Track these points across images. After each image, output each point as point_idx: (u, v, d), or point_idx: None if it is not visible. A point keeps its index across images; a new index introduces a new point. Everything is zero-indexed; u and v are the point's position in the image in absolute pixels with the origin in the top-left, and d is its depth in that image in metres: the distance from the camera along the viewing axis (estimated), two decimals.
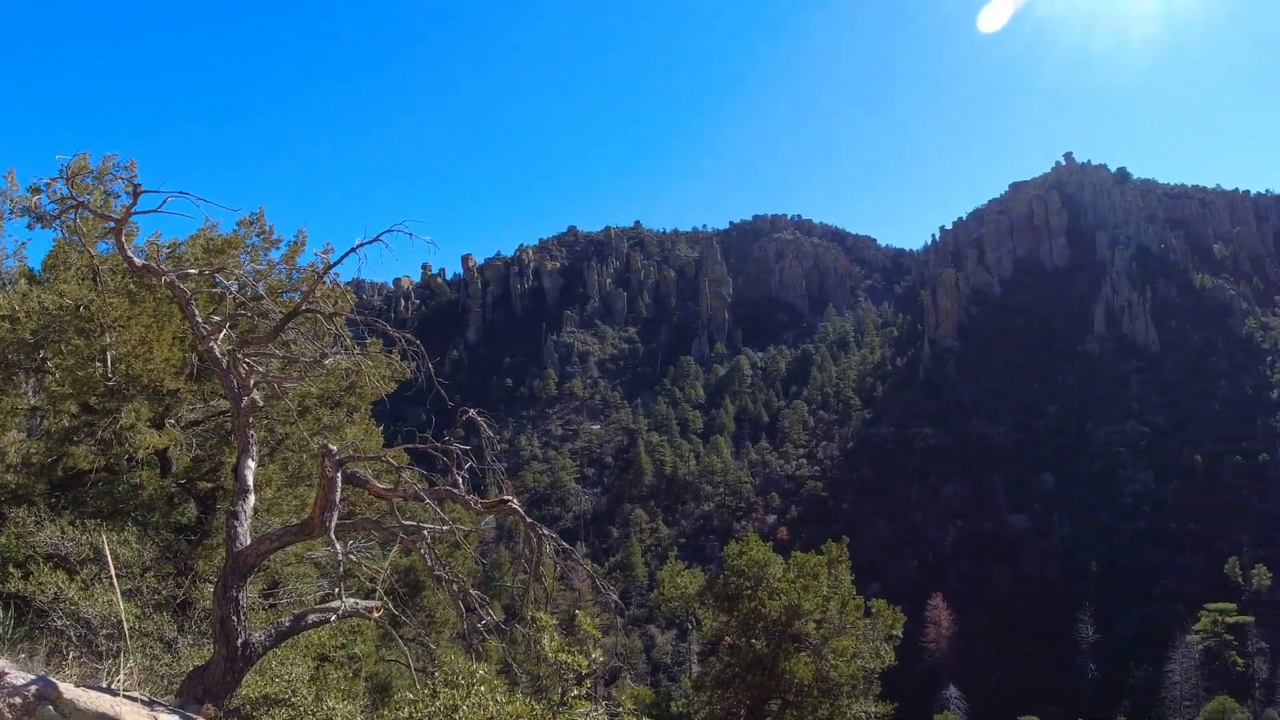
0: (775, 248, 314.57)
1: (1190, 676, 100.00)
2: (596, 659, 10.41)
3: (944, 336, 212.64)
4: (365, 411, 20.43)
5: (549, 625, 9.88)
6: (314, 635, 16.42)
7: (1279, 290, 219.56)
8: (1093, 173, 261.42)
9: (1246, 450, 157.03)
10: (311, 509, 9.25)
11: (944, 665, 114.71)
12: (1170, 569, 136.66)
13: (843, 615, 24.88)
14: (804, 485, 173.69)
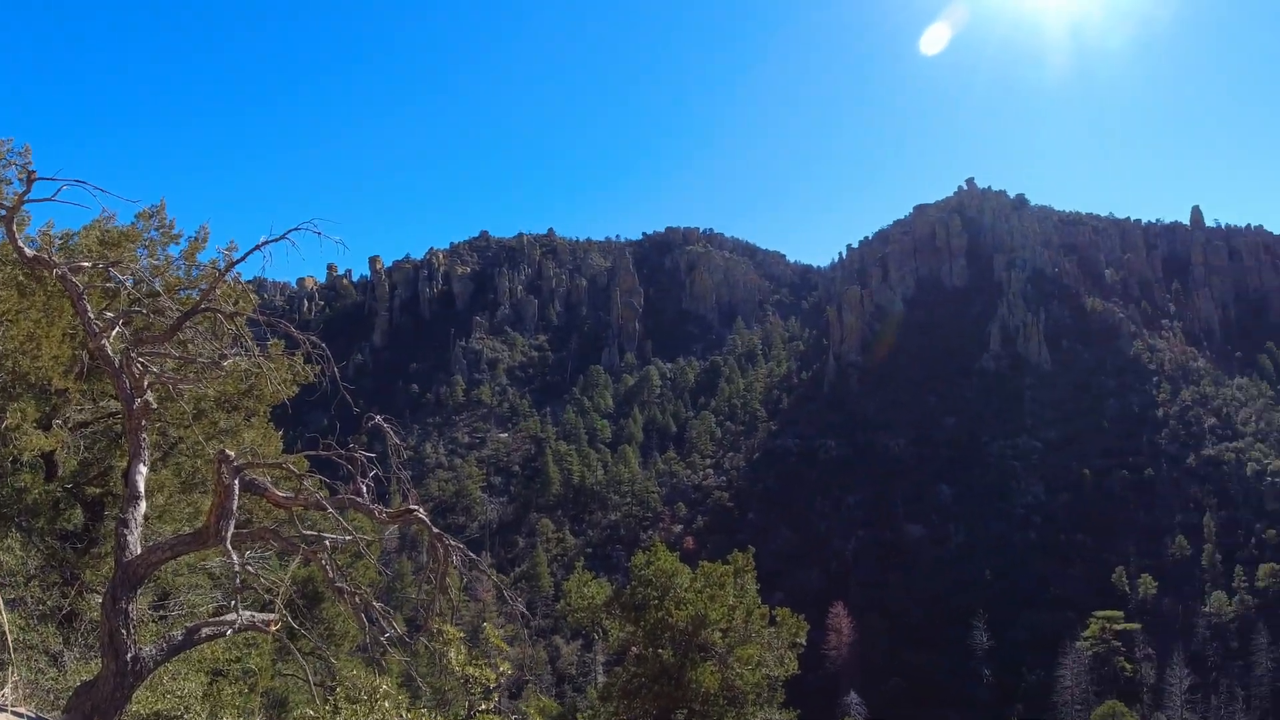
0: (687, 260, 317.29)
1: (1080, 681, 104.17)
2: (504, 671, 10.23)
3: (848, 352, 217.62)
4: (265, 416, 19.69)
5: (455, 638, 9.66)
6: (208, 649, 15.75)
7: (1165, 314, 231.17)
8: (993, 198, 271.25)
9: (1133, 465, 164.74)
10: (206, 517, 8.84)
11: (845, 672, 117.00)
12: (1060, 578, 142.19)
13: (748, 624, 25.06)
14: (710, 495, 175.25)
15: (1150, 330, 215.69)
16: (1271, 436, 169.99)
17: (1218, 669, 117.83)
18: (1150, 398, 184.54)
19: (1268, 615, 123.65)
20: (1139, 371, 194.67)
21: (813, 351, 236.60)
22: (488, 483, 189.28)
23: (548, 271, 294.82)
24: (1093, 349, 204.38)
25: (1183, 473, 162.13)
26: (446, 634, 9.47)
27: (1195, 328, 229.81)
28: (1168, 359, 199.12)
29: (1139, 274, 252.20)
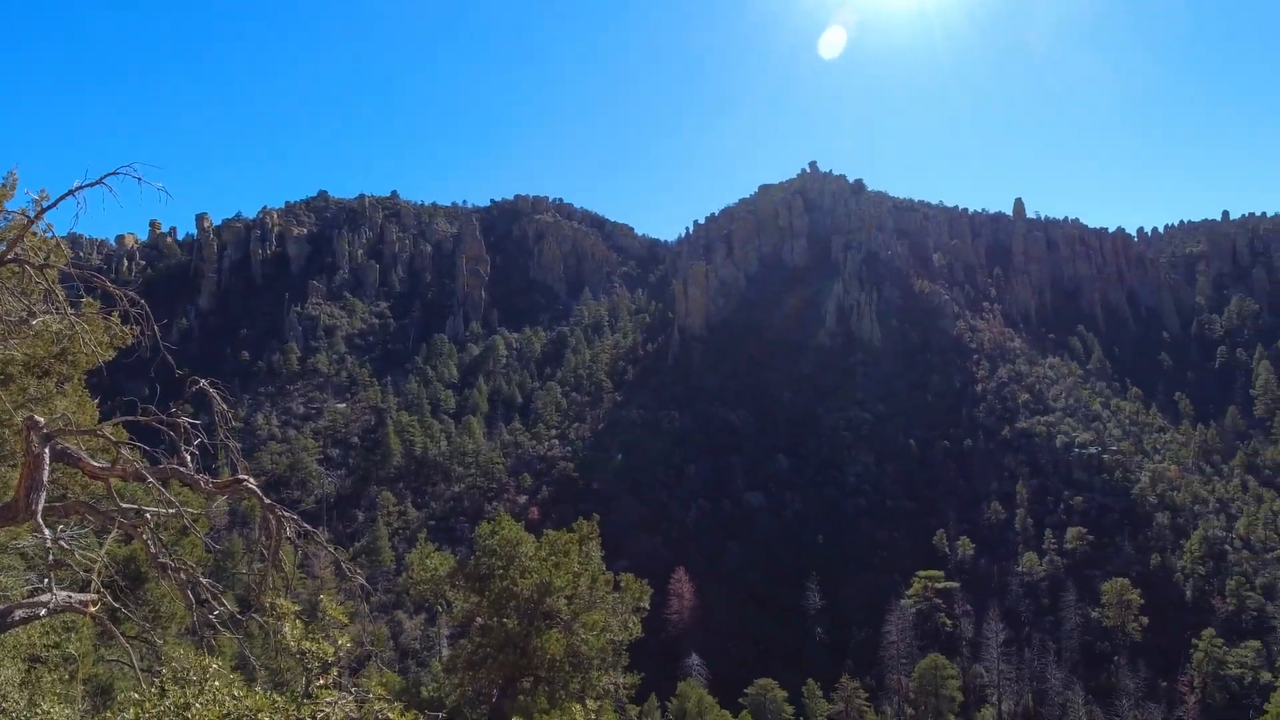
0: (535, 229, 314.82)
1: (905, 637, 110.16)
2: (343, 646, 9.90)
3: (693, 325, 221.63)
4: (79, 381, 18.17)
5: (290, 612, 9.25)
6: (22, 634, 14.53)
7: (987, 298, 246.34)
8: (833, 181, 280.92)
9: (953, 437, 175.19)
10: (15, 491, 8.10)
11: (687, 635, 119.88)
12: (888, 541, 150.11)
13: (593, 591, 25.27)
14: (556, 466, 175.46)
15: (972, 312, 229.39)
16: (1079, 412, 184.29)
17: (1030, 624, 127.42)
18: (971, 375, 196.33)
19: (1075, 574, 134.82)
20: (961, 350, 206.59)
21: (658, 324, 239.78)
22: (324, 455, 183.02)
23: (390, 235, 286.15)
24: (920, 328, 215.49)
25: (998, 444, 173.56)
26: (280, 609, 9.03)
27: (1013, 311, 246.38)
28: (987, 339, 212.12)
29: (965, 259, 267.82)
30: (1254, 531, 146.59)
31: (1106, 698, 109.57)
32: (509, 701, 23.28)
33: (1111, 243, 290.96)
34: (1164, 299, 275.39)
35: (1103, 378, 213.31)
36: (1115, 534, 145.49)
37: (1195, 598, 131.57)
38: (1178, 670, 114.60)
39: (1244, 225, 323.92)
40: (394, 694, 24.64)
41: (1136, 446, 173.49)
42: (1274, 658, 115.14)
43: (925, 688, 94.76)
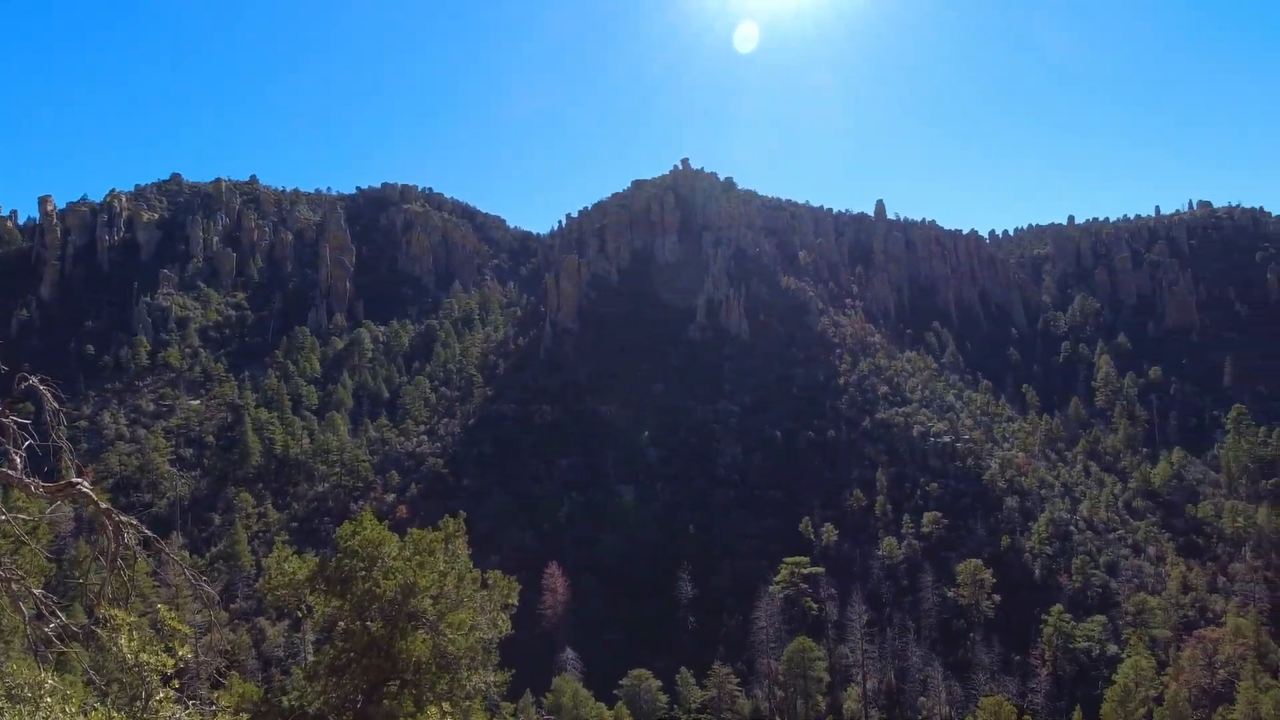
0: (404, 219, 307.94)
1: (774, 621, 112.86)
2: (184, 656, 9.43)
3: (565, 319, 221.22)
4: None
5: (125, 622, 8.68)
6: None
7: (849, 295, 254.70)
8: (705, 179, 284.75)
9: (817, 428, 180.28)
10: None
11: (561, 629, 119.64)
12: (756, 529, 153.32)
13: (460, 589, 24.77)
14: (425, 462, 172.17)
15: (836, 308, 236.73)
16: (934, 403, 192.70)
17: (891, 605, 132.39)
18: (834, 368, 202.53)
19: (931, 557, 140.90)
20: (825, 344, 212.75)
21: (530, 318, 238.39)
22: (177, 455, 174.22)
23: (249, 223, 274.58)
24: (785, 323, 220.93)
25: (859, 434, 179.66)
26: (115, 620, 8.45)
27: (874, 307, 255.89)
28: (849, 334, 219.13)
29: (829, 258, 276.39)
30: (1096, 513, 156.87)
31: (964, 672, 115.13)
32: (374, 707, 22.60)
33: (965, 244, 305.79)
34: (1013, 297, 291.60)
35: (956, 371, 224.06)
36: (968, 517, 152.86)
37: (1043, 576, 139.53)
38: (1029, 644, 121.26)
39: (1087, 229, 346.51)
40: (253, 704, 23.62)
41: (987, 435, 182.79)
42: (1119, 631, 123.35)
43: (794, 670, 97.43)
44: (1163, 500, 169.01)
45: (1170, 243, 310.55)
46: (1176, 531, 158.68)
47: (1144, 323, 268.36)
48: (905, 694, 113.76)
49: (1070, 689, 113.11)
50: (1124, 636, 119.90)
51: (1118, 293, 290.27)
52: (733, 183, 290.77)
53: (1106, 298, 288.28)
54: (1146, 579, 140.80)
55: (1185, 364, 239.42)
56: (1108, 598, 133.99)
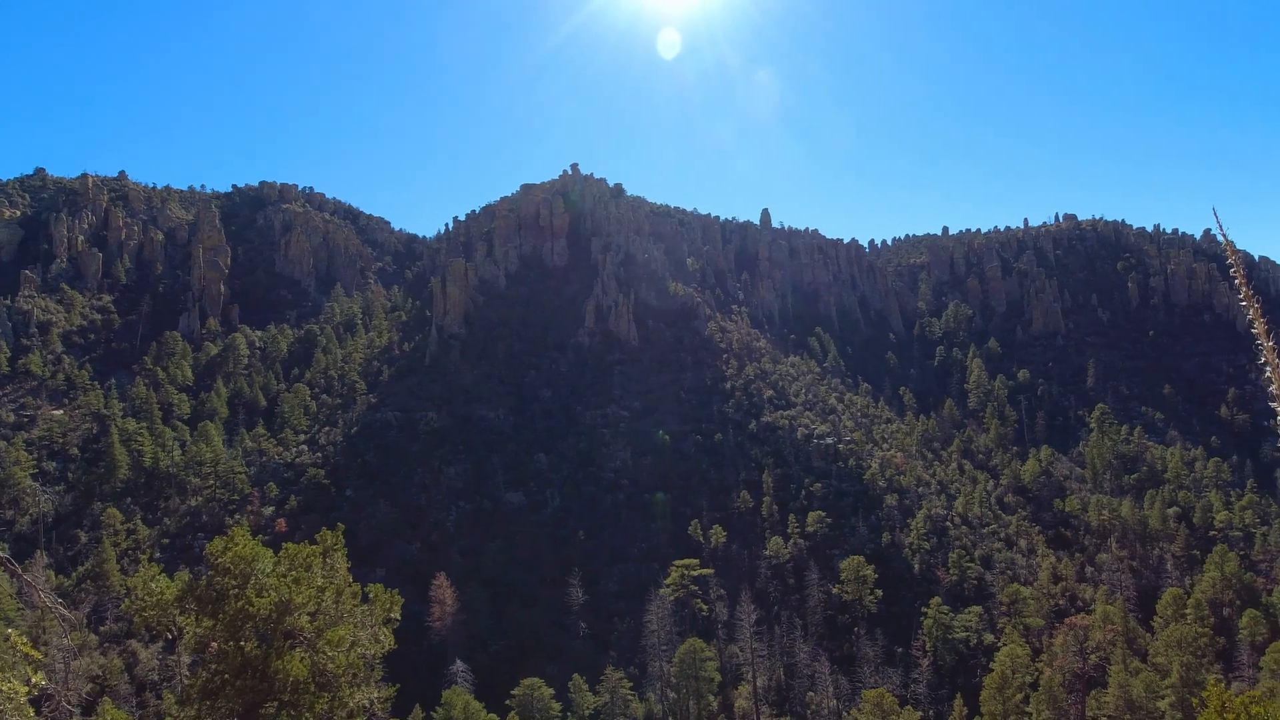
0: (282, 219, 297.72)
1: (665, 624, 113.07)
2: (37, 683, 8.55)
3: (451, 324, 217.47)
4: None
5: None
6: None
7: (735, 301, 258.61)
8: (594, 184, 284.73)
9: (705, 431, 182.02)
10: None
11: (450, 641, 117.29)
12: (645, 533, 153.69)
13: (339, 605, 23.54)
14: (305, 473, 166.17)
15: (722, 314, 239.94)
16: (817, 406, 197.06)
17: (779, 603, 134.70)
18: (720, 372, 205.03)
19: (816, 555, 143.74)
20: (712, 349, 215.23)
21: (415, 323, 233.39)
22: (40, 469, 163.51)
23: (117, 221, 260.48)
24: (674, 328, 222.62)
25: (746, 437, 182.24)
26: None
27: (759, 313, 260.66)
28: (735, 339, 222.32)
29: (716, 264, 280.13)
30: (970, 509, 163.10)
31: (849, 666, 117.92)
32: None
33: (846, 252, 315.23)
34: (891, 304, 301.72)
35: (838, 375, 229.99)
36: (851, 516, 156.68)
37: (922, 570, 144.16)
38: (911, 636, 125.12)
39: (961, 240, 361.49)
40: None
41: (867, 436, 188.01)
42: (994, 620, 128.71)
43: (685, 671, 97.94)
44: (1032, 495, 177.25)
45: (1038, 253, 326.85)
46: (1046, 525, 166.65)
47: (1013, 328, 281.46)
48: (794, 690, 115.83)
49: (951, 678, 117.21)
50: (999, 626, 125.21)
51: (989, 300, 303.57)
52: (622, 189, 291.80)
53: (978, 304, 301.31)
54: (1019, 570, 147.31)
55: (1051, 367, 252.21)
56: (983, 589, 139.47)
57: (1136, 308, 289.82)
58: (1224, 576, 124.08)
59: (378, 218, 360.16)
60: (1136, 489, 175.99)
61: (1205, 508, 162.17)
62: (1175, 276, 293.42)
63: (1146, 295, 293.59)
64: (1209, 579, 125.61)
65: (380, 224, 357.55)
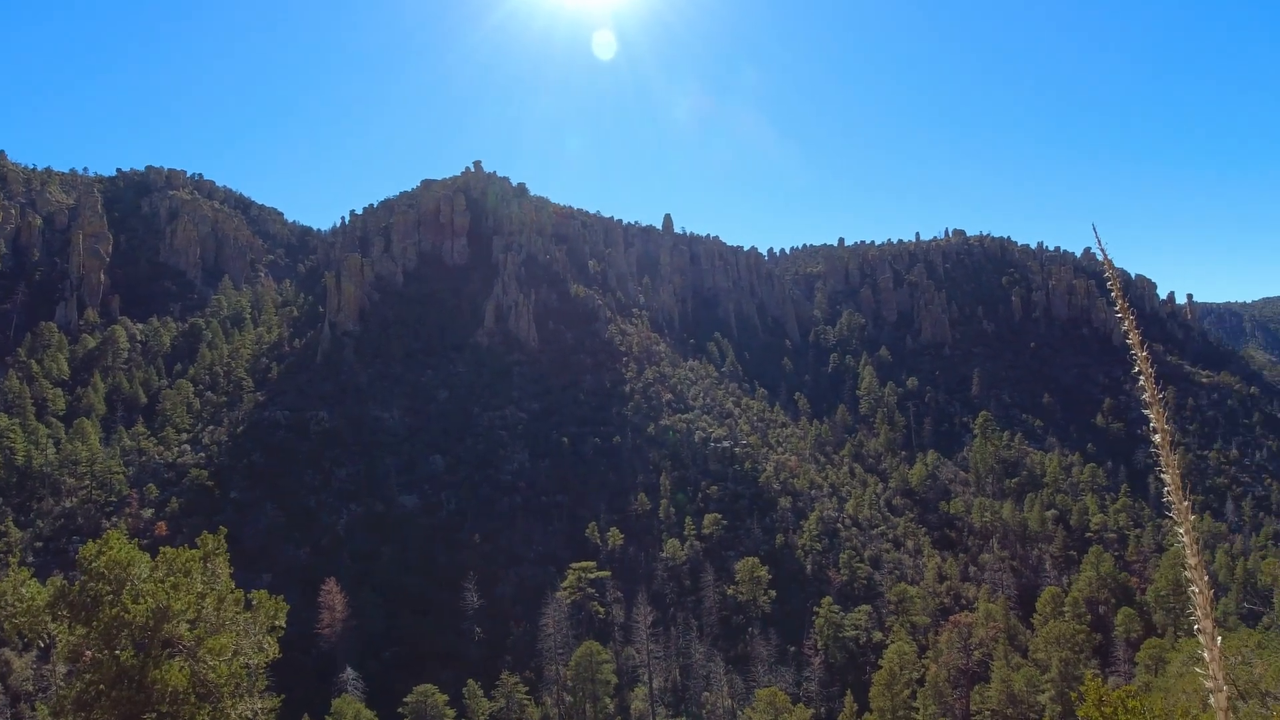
0: (169, 206, 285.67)
1: (562, 627, 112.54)
2: None
3: (345, 320, 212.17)
4: None
5: None
6: None
7: (636, 304, 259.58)
8: (497, 183, 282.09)
9: (604, 433, 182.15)
10: None
11: (341, 648, 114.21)
12: (542, 535, 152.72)
13: (220, 612, 22.58)
14: (187, 474, 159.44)
15: (623, 317, 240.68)
16: (714, 410, 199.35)
17: (675, 604, 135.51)
18: (620, 375, 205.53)
19: (712, 556, 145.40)
20: (611, 352, 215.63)
21: (307, 318, 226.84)
22: None
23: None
24: (574, 330, 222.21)
25: (644, 440, 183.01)
26: None
27: (660, 317, 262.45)
28: (635, 342, 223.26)
29: (617, 267, 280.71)
30: (861, 511, 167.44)
31: (744, 665, 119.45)
32: None
33: (746, 259, 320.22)
34: (788, 311, 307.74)
35: (735, 379, 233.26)
36: (746, 518, 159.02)
37: (814, 571, 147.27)
38: (803, 636, 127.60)
39: (855, 251, 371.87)
40: None
41: (763, 440, 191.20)
42: (883, 619, 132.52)
43: (582, 674, 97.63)
44: (919, 498, 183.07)
45: (928, 266, 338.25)
46: (932, 526, 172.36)
47: (903, 337, 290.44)
48: (690, 690, 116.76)
49: (841, 675, 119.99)
50: (888, 624, 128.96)
51: (881, 309, 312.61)
52: (525, 188, 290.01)
53: (871, 314, 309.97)
54: (906, 570, 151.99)
55: (939, 375, 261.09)
56: (872, 589, 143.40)
57: (1019, 320, 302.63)
58: (1099, 576, 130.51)
59: (270, 208, 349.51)
60: (1017, 492, 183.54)
61: (1082, 510, 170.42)
62: (1056, 291, 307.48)
63: (1029, 309, 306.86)
64: (1085, 578, 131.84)
65: (273, 215, 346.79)
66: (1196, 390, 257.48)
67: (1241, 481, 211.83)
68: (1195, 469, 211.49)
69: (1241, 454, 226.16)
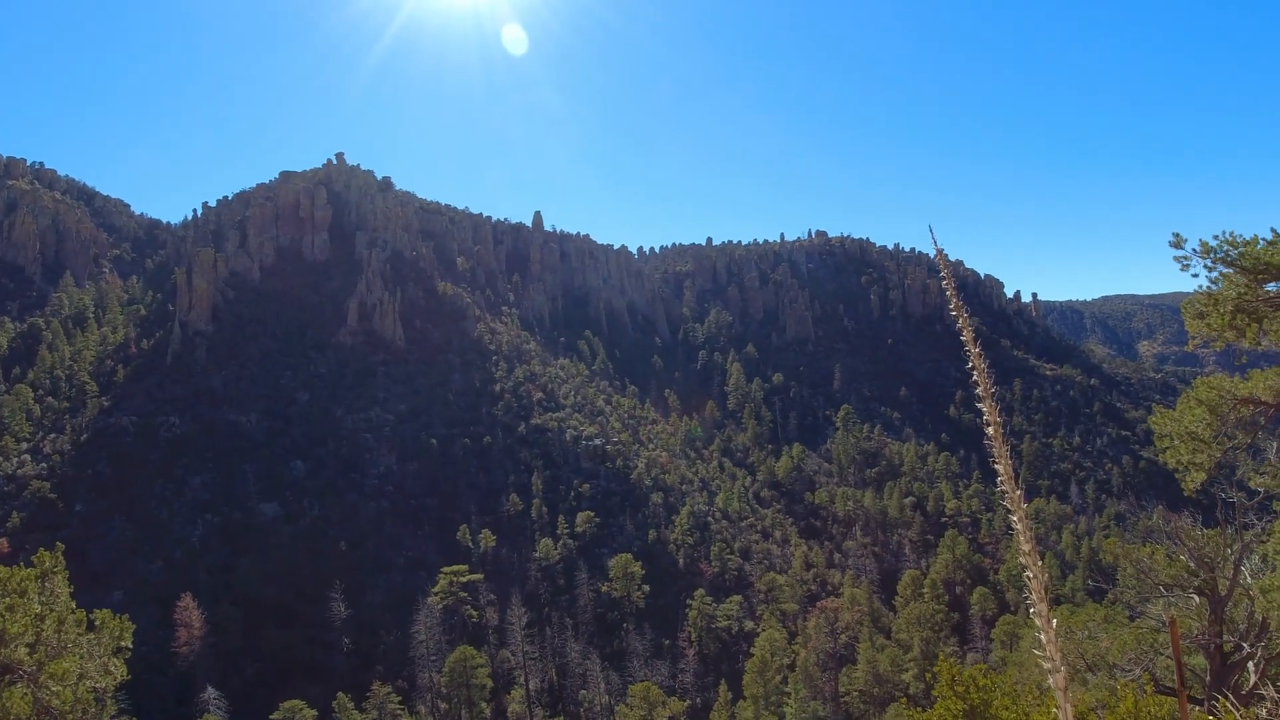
0: (7, 198, 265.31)
1: (434, 633, 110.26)
2: None
3: (198, 319, 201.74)
4: None
5: None
6: None
7: (506, 302, 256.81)
8: (361, 176, 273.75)
9: (473, 434, 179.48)
10: None
11: (200, 666, 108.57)
12: (412, 540, 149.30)
13: (61, 634, 20.80)
14: (28, 486, 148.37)
15: (492, 315, 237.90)
16: (585, 408, 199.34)
17: (549, 604, 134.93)
18: (490, 374, 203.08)
19: (586, 554, 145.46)
20: (481, 351, 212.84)
21: (156, 318, 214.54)
22: None
23: None
24: (442, 329, 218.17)
25: (516, 439, 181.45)
26: None
27: (530, 315, 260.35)
28: (505, 341, 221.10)
29: (486, 265, 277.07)
30: (730, 504, 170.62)
31: (620, 661, 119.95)
32: None
33: (616, 258, 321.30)
34: (657, 309, 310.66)
35: (606, 377, 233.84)
36: (619, 515, 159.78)
37: (686, 564, 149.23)
38: (677, 629, 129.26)
39: (723, 250, 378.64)
40: None
41: (634, 437, 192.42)
42: (754, 608, 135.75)
43: (456, 680, 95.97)
44: (786, 489, 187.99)
45: (792, 265, 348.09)
46: (798, 516, 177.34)
47: (769, 334, 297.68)
48: (567, 689, 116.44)
49: (715, 665, 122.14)
50: (759, 613, 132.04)
51: (748, 307, 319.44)
52: (390, 182, 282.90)
53: (738, 311, 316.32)
54: (775, 560, 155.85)
55: (803, 371, 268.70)
56: (743, 579, 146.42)
57: (878, 318, 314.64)
58: (955, 558, 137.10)
59: (116, 199, 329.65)
60: (877, 481, 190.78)
61: (937, 497, 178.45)
62: (911, 290, 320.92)
63: (887, 307, 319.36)
64: (942, 561, 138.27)
65: (119, 206, 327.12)
66: (1041, 382, 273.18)
67: (1084, 467, 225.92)
68: (1041, 455, 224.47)
69: (1083, 441, 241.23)
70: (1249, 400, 18.09)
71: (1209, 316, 17.70)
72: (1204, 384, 18.67)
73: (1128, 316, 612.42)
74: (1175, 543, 25.72)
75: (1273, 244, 16.73)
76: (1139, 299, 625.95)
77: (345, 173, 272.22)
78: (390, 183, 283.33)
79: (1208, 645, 23.59)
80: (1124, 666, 26.09)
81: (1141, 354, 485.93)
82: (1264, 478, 19.51)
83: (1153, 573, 26.05)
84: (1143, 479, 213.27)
